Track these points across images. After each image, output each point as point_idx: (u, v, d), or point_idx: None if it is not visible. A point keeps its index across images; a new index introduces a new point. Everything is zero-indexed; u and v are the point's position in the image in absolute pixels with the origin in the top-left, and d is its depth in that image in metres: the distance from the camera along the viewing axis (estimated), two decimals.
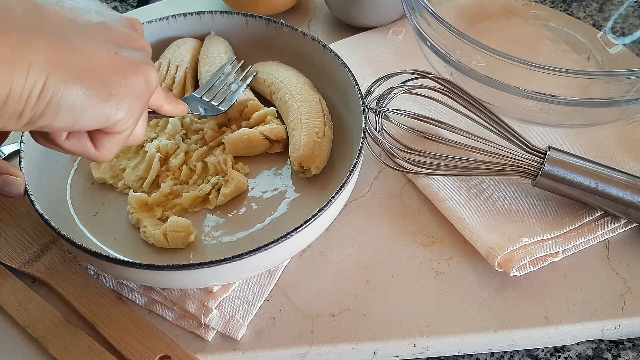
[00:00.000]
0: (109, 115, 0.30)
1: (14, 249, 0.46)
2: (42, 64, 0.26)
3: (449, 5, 0.64)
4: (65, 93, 0.27)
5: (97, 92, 0.28)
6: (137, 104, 0.31)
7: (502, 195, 0.49)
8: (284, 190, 0.49)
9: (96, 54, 0.29)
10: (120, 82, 0.29)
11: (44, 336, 0.41)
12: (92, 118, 0.29)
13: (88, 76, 0.28)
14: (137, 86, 0.31)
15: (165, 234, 0.44)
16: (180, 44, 0.55)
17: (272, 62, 0.55)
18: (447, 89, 0.49)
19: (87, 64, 0.28)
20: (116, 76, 0.29)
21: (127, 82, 0.30)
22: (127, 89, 0.30)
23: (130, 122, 0.31)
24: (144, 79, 0.31)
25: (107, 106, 0.29)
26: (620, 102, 0.44)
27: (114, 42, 0.30)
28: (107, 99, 0.29)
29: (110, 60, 0.29)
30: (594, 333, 0.44)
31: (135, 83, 0.30)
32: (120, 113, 0.30)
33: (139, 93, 0.31)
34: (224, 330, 0.42)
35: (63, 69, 0.27)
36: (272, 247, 0.37)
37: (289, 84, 0.51)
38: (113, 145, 0.33)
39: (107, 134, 0.32)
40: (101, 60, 0.29)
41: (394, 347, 0.42)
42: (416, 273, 0.45)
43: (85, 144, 0.32)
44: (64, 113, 0.28)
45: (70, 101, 0.27)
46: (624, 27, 0.63)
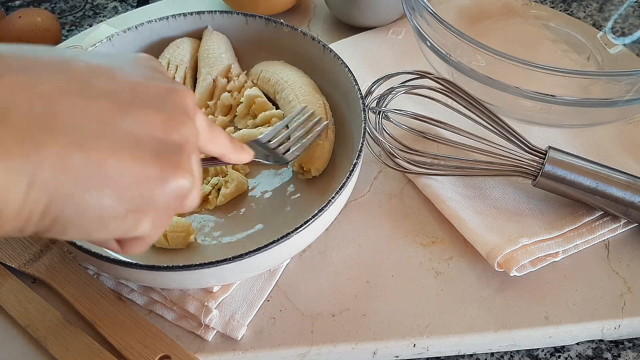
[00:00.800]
0: (128, 230, 0.25)
1: (14, 248, 0.46)
2: (47, 181, 0.21)
3: (449, 5, 0.64)
4: (72, 212, 0.23)
5: (113, 210, 0.23)
6: (163, 215, 0.26)
7: (502, 195, 0.49)
8: (284, 191, 0.49)
9: (117, 162, 0.23)
10: (143, 196, 0.24)
11: (44, 336, 0.41)
12: (106, 233, 0.25)
13: (102, 192, 0.23)
14: (163, 199, 0.25)
15: (165, 234, 0.44)
16: (179, 43, 0.55)
17: (278, 61, 0.55)
18: (447, 89, 0.49)
19: (103, 176, 0.23)
20: (139, 188, 0.24)
21: (152, 196, 0.25)
22: (150, 203, 0.25)
23: (156, 232, 0.27)
24: (173, 189, 0.25)
25: (124, 223, 0.24)
26: (620, 102, 0.44)
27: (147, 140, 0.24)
28: (125, 216, 0.24)
29: (132, 169, 0.24)
30: (594, 333, 0.44)
31: (160, 196, 0.25)
32: (142, 228, 0.25)
33: (167, 205, 0.25)
34: (224, 330, 0.42)
35: (72, 184, 0.22)
36: (272, 247, 0.37)
37: (293, 84, 0.51)
38: (140, 246, 0.28)
39: (132, 240, 0.28)
40: (121, 170, 0.23)
41: (394, 347, 0.42)
42: (416, 273, 0.45)
43: (110, 245, 0.28)
44: (73, 231, 0.24)
45: (80, 221, 0.23)
46: (624, 27, 0.63)
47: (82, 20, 0.75)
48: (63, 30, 0.73)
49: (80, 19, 0.75)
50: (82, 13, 0.76)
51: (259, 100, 0.51)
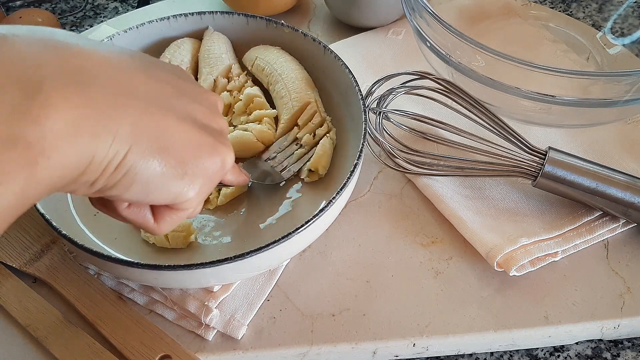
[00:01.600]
0: (180, 194, 0.28)
1: (15, 248, 0.46)
2: (127, 136, 0.25)
3: (449, 6, 0.64)
4: (142, 167, 0.26)
5: (174, 169, 0.27)
6: (208, 184, 0.30)
7: (501, 195, 0.49)
8: (285, 191, 0.49)
9: (180, 131, 0.27)
10: (197, 161, 0.28)
11: (45, 336, 0.41)
12: (163, 195, 0.28)
13: (167, 152, 0.27)
14: (213, 168, 0.29)
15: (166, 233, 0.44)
16: (180, 44, 0.55)
17: (274, 48, 0.55)
18: (447, 90, 0.49)
19: (169, 140, 0.27)
20: (194, 155, 0.28)
21: (204, 163, 0.29)
22: (203, 169, 0.29)
23: (196, 202, 0.30)
24: (220, 162, 0.30)
25: (180, 185, 0.28)
26: (619, 102, 0.45)
27: (196, 119, 0.29)
28: (182, 177, 0.28)
29: (191, 137, 0.28)
30: (593, 333, 0.44)
31: (211, 165, 0.29)
32: (191, 192, 0.29)
33: (213, 175, 0.30)
34: (224, 330, 0.42)
35: (146, 142, 0.26)
36: (272, 247, 0.38)
37: (286, 78, 0.51)
38: (174, 221, 0.31)
39: (170, 209, 0.31)
40: (182, 137, 0.28)
41: (394, 347, 0.42)
42: (416, 273, 0.45)
43: (146, 215, 0.31)
44: (137, 186, 0.26)
45: (146, 176, 0.26)
46: (624, 27, 0.63)
47: (82, 21, 0.75)
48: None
49: (80, 20, 0.75)
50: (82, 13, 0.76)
51: (257, 100, 0.51)
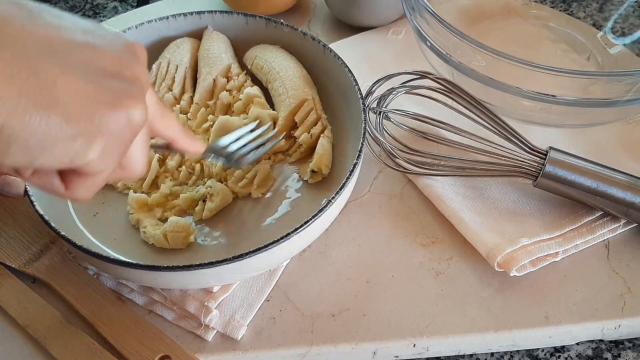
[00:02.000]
0: (76, 156, 0.25)
1: (14, 249, 0.46)
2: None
3: (449, 5, 0.64)
4: (17, 126, 0.22)
5: (60, 128, 0.23)
6: (114, 144, 0.26)
7: (502, 195, 0.49)
8: (285, 191, 0.48)
9: (66, 83, 0.23)
10: (93, 118, 0.24)
11: (44, 336, 0.41)
12: (52, 158, 0.24)
13: (51, 109, 0.23)
14: (115, 125, 0.25)
15: (165, 234, 0.44)
16: (179, 43, 0.55)
17: (273, 47, 0.55)
18: (448, 90, 0.49)
19: (52, 93, 0.23)
20: (88, 111, 0.24)
21: (102, 119, 0.25)
22: (101, 127, 0.25)
23: (107, 164, 0.26)
24: (125, 117, 0.26)
25: (72, 146, 0.24)
26: (620, 102, 0.44)
27: (96, 68, 0.25)
28: (74, 137, 0.24)
29: (83, 90, 0.24)
30: (594, 333, 0.44)
31: (112, 121, 0.25)
32: (92, 153, 0.25)
33: (118, 132, 0.26)
34: (224, 330, 0.42)
35: (17, 97, 0.22)
36: (272, 247, 0.37)
37: (284, 76, 0.51)
38: (88, 187, 0.28)
39: (78, 174, 0.27)
40: (72, 89, 0.24)
41: (394, 347, 0.42)
42: (416, 273, 0.45)
43: (53, 182, 0.27)
44: (17, 150, 0.23)
45: (25, 137, 0.23)
46: (624, 27, 0.63)
47: None
48: None
49: None
50: (81, 13, 0.76)
51: (257, 100, 0.51)
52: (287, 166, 0.50)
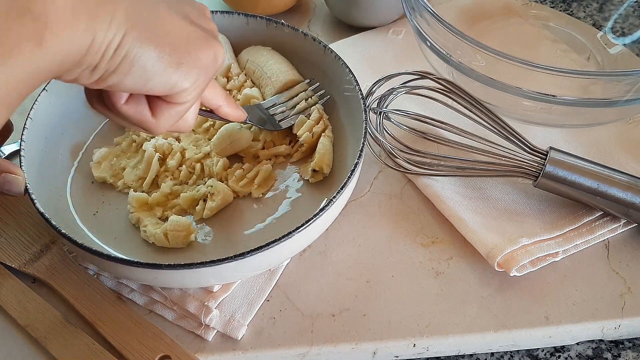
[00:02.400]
0: (177, 82, 0.30)
1: (14, 248, 0.46)
2: (123, 20, 0.27)
3: (449, 5, 0.64)
4: (139, 52, 0.28)
5: (170, 57, 0.29)
6: (203, 77, 0.32)
7: (502, 195, 0.49)
8: (285, 190, 0.49)
9: (172, 22, 0.30)
10: (191, 52, 0.30)
11: (44, 336, 0.41)
12: (160, 82, 0.30)
13: (162, 41, 0.29)
14: (207, 60, 0.31)
15: (165, 233, 0.44)
16: None
17: (264, 49, 0.55)
18: (448, 90, 0.49)
19: (163, 29, 0.29)
20: (189, 46, 0.30)
21: (198, 54, 0.31)
22: (197, 60, 0.31)
23: (193, 95, 0.32)
24: (213, 54, 0.32)
25: (176, 73, 0.30)
26: (620, 102, 0.45)
27: (189, 15, 0.31)
28: (178, 66, 0.30)
29: (184, 29, 0.30)
30: (594, 333, 0.44)
31: (205, 56, 0.31)
32: (187, 82, 0.31)
33: (207, 67, 0.32)
34: (224, 330, 0.42)
35: (140, 29, 0.28)
36: (272, 247, 0.37)
37: (275, 81, 0.52)
38: (171, 116, 0.33)
39: (167, 103, 0.32)
40: (176, 28, 0.30)
41: (394, 347, 0.42)
42: (416, 273, 0.45)
43: (144, 110, 0.32)
44: (136, 72, 0.28)
45: (144, 61, 0.28)
46: (624, 27, 0.63)
47: None
48: None
49: None
50: None
51: (254, 102, 0.51)
52: (288, 166, 0.50)
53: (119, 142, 0.51)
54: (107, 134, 0.52)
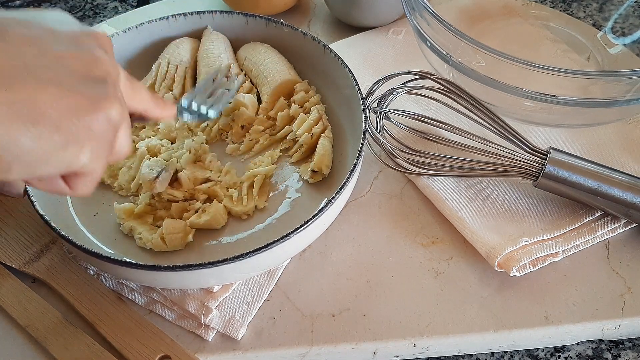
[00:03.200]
0: (71, 162, 0.27)
1: (14, 249, 0.46)
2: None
3: (449, 5, 0.64)
4: (12, 146, 0.24)
5: (52, 140, 0.25)
6: (100, 144, 0.28)
7: (502, 195, 0.49)
8: (285, 191, 0.48)
9: (44, 97, 0.25)
10: (77, 125, 0.26)
11: (44, 336, 0.41)
12: (50, 168, 0.26)
13: (38, 125, 0.24)
14: (98, 127, 0.27)
15: (162, 237, 0.44)
16: (179, 43, 0.55)
17: (262, 47, 0.54)
18: (448, 90, 0.49)
19: (37, 109, 0.24)
20: (73, 120, 0.26)
21: (87, 125, 0.26)
22: (87, 132, 0.26)
23: (97, 163, 0.28)
24: (105, 118, 0.27)
25: (65, 154, 0.26)
26: (620, 102, 0.44)
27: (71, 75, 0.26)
28: (65, 146, 0.26)
29: (64, 101, 0.25)
30: (594, 333, 0.44)
31: (95, 124, 0.27)
32: (83, 158, 0.27)
33: (102, 133, 0.27)
34: (224, 330, 0.42)
35: (8, 117, 0.24)
36: (272, 247, 0.37)
37: (272, 81, 0.52)
38: (87, 184, 0.29)
39: (76, 175, 0.29)
40: (54, 104, 0.25)
41: (394, 347, 0.42)
42: (416, 273, 0.45)
43: (59, 185, 0.29)
44: (17, 166, 0.25)
45: (21, 154, 0.24)
46: (624, 27, 0.63)
47: (82, 20, 0.75)
48: None
49: (80, 19, 0.75)
50: (82, 13, 0.76)
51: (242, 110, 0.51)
52: (287, 166, 0.50)
53: None
54: None
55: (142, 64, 0.54)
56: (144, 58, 0.54)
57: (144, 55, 0.55)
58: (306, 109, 0.51)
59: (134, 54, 0.54)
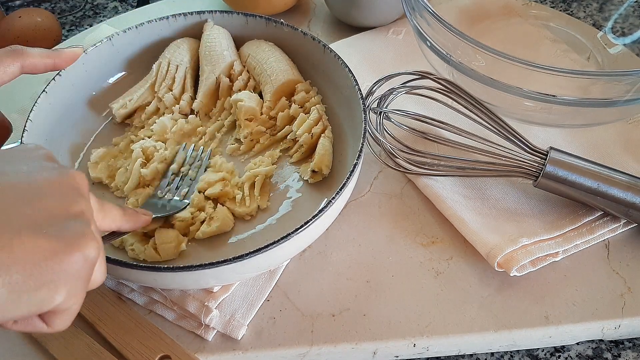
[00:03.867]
0: (43, 304, 0.26)
1: None
2: None
3: (449, 5, 0.64)
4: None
5: (24, 285, 0.25)
6: (76, 283, 0.27)
7: (502, 195, 0.49)
8: (285, 191, 0.48)
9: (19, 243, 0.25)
10: (51, 268, 0.26)
11: (44, 336, 0.41)
12: (23, 310, 0.25)
13: (10, 272, 0.24)
14: (74, 267, 0.27)
15: (155, 247, 0.43)
16: (179, 43, 0.55)
17: (266, 44, 0.54)
18: (448, 90, 0.49)
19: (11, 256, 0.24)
20: (46, 263, 0.25)
21: (61, 267, 0.26)
22: (63, 273, 0.26)
23: (73, 301, 0.28)
24: (81, 258, 0.27)
25: (38, 296, 0.25)
26: (620, 102, 0.44)
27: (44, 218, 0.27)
28: (38, 288, 0.25)
29: (38, 246, 0.25)
30: (594, 333, 0.44)
31: (70, 266, 0.26)
32: (58, 298, 0.26)
33: (77, 273, 0.27)
34: (224, 330, 0.42)
35: None
36: (272, 247, 0.37)
37: (275, 80, 0.52)
38: (64, 320, 0.29)
39: (53, 313, 0.28)
40: (26, 248, 0.25)
41: (394, 347, 0.42)
42: (416, 273, 0.45)
43: (36, 324, 0.29)
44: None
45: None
46: (624, 27, 0.63)
47: (82, 20, 0.75)
48: (63, 30, 0.73)
49: (80, 19, 0.75)
50: (82, 13, 0.76)
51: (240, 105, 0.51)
52: (287, 166, 0.50)
53: (117, 142, 0.51)
54: (107, 135, 0.52)
55: (142, 64, 0.54)
56: (144, 58, 0.54)
57: (144, 55, 0.55)
58: (306, 109, 0.51)
59: (134, 54, 0.54)
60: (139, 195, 0.47)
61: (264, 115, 0.52)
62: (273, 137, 0.52)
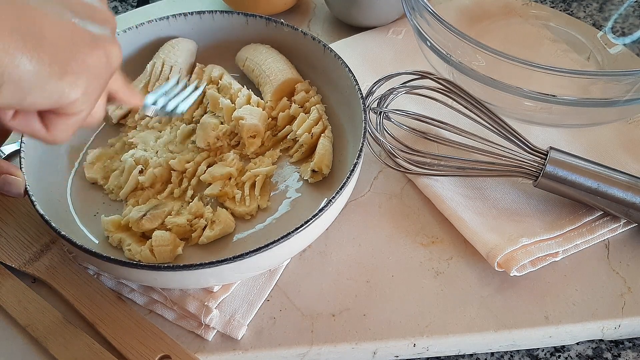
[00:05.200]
0: (62, 95, 0.26)
1: (14, 248, 0.46)
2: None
3: (449, 5, 0.64)
4: (10, 65, 0.24)
5: (49, 67, 0.25)
6: (95, 83, 0.28)
7: (502, 195, 0.49)
8: (285, 191, 0.48)
9: (50, 23, 0.25)
10: (77, 57, 0.26)
11: (44, 336, 0.41)
12: (42, 96, 0.26)
13: (39, 48, 0.24)
14: (97, 64, 0.27)
15: (151, 249, 0.43)
16: (175, 44, 0.54)
17: (264, 47, 0.54)
18: (448, 90, 0.49)
19: (39, 33, 0.25)
20: (73, 51, 0.26)
21: (85, 59, 0.26)
22: (85, 66, 0.27)
23: (86, 104, 0.28)
24: (104, 56, 0.27)
25: (60, 84, 0.26)
26: (620, 102, 0.44)
27: (74, 11, 0.27)
28: (61, 76, 0.25)
29: (67, 31, 0.26)
30: (594, 333, 0.44)
31: (94, 60, 0.27)
32: (75, 93, 0.27)
33: (98, 71, 0.27)
34: (224, 330, 0.42)
35: (9, 37, 0.23)
36: (272, 247, 0.37)
37: (274, 80, 0.52)
38: (67, 128, 0.29)
39: (59, 115, 0.28)
40: (56, 30, 0.25)
41: (394, 347, 0.42)
42: (416, 273, 0.45)
43: (34, 125, 0.28)
44: (9, 88, 0.24)
45: (16, 75, 0.24)
46: (624, 27, 0.63)
47: None
48: None
49: None
50: None
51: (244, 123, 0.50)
52: (287, 166, 0.50)
53: (113, 143, 0.51)
54: (106, 136, 0.52)
55: (142, 64, 0.54)
56: (144, 58, 0.54)
57: (144, 55, 0.55)
58: (306, 108, 0.51)
59: (134, 54, 0.54)
60: (139, 196, 0.47)
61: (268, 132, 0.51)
62: (274, 137, 0.51)
